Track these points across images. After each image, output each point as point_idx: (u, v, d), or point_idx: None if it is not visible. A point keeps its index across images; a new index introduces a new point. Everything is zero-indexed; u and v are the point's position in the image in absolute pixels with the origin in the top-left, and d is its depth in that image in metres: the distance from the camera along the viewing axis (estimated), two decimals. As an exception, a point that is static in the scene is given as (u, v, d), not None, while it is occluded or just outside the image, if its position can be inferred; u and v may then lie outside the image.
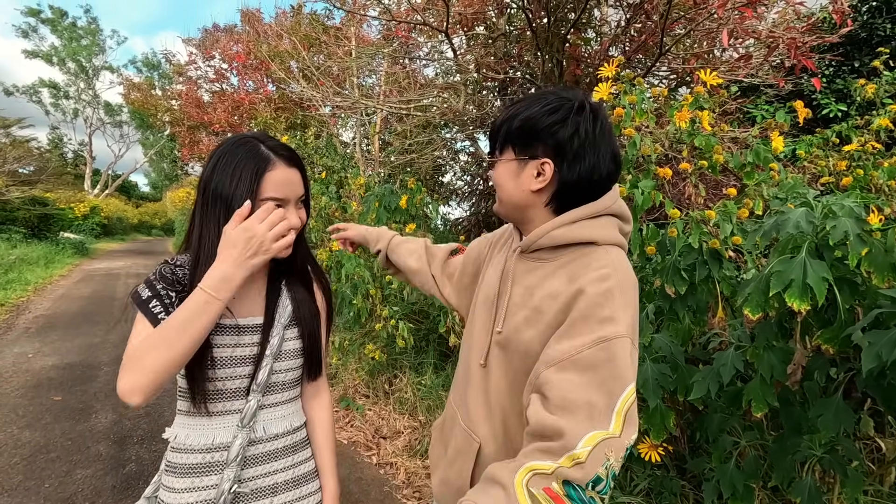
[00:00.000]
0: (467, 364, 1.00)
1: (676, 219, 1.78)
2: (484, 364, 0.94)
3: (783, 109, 2.23)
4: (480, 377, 0.95)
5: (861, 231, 1.19)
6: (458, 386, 1.04)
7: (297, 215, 0.95)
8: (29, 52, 27.73)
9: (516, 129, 0.87)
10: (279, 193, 0.90)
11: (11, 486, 2.43)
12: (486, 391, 0.93)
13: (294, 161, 0.94)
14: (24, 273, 8.91)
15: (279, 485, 0.96)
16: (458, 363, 1.08)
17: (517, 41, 4.68)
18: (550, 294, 0.84)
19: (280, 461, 0.97)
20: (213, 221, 0.89)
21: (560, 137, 0.84)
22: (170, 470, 0.92)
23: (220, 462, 0.90)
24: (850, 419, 1.33)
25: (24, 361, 4.39)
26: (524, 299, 0.88)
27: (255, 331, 0.94)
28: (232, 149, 0.92)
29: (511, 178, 0.90)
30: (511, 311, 0.90)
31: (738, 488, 1.72)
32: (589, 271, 0.82)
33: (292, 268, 1.01)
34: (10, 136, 13.77)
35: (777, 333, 1.51)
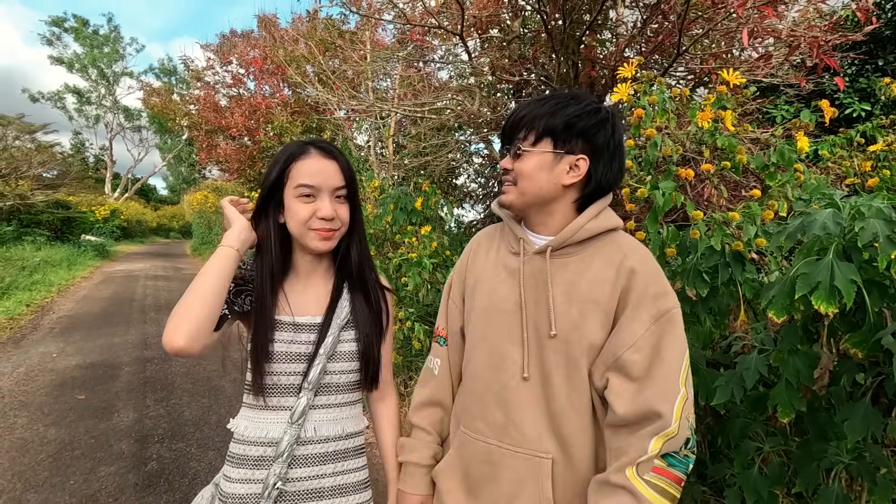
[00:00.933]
0: (498, 384, 0.93)
1: (699, 220, 1.76)
2: (528, 377, 0.91)
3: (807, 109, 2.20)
4: (529, 391, 0.91)
5: (891, 232, 1.16)
6: (488, 411, 0.94)
7: (330, 205, 0.94)
8: (54, 59, 28.48)
9: (561, 124, 0.90)
10: (309, 180, 0.92)
11: (38, 482, 2.49)
12: (546, 401, 0.90)
13: (331, 154, 0.97)
14: (47, 275, 9.12)
15: (325, 490, 0.96)
16: (470, 389, 0.99)
17: (532, 43, 4.68)
18: (597, 282, 0.89)
19: (328, 465, 0.97)
20: (260, 208, 0.97)
21: (600, 138, 0.90)
22: (229, 460, 0.95)
23: (271, 457, 0.92)
24: (878, 424, 1.30)
25: (49, 361, 4.50)
26: (569, 296, 0.90)
27: (311, 329, 0.96)
28: (283, 148, 0.98)
29: (543, 170, 0.91)
30: (559, 311, 0.89)
31: (762, 495, 1.68)
32: (629, 251, 0.91)
33: (351, 271, 1.03)
34: (35, 141, 14.12)
35: (802, 337, 1.48)
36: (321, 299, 1.00)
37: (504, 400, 0.92)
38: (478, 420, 0.95)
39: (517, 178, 0.94)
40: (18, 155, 12.97)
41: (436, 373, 1.07)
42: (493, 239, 1.07)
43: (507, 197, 0.97)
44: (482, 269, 1.03)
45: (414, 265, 3.64)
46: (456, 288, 1.08)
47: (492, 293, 0.98)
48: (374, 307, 1.04)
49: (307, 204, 0.93)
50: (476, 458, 0.94)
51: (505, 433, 0.91)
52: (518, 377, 0.91)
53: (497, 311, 0.96)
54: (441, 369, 1.07)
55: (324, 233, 0.94)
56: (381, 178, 6.21)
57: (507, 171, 0.96)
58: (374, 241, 4.72)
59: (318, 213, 0.93)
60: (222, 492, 0.94)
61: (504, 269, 0.98)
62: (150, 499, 2.39)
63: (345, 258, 1.03)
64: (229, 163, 12.04)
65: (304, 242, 0.96)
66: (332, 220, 0.94)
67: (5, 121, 12.89)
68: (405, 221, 4.05)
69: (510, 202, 0.97)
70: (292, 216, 0.94)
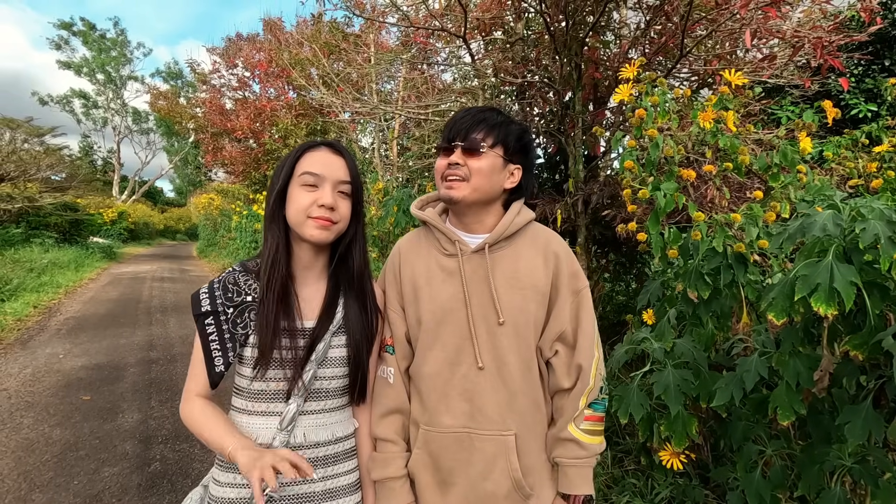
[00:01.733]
0: (457, 377, 1.01)
1: (700, 222, 1.76)
2: (482, 366, 1.00)
3: (811, 110, 2.18)
4: (486, 378, 1.00)
5: (892, 234, 1.15)
6: (452, 404, 1.01)
7: (331, 195, 0.94)
8: (62, 63, 28.80)
9: (513, 137, 1.05)
10: (314, 168, 0.94)
11: (43, 482, 2.51)
12: (503, 383, 1.00)
13: (339, 151, 0.99)
14: (55, 276, 9.20)
15: (315, 494, 0.95)
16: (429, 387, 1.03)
17: (535, 45, 4.68)
18: (532, 268, 1.04)
19: (318, 471, 0.96)
20: (267, 199, 0.98)
21: (533, 154, 1.13)
22: (219, 463, 0.96)
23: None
24: (879, 427, 1.28)
25: (56, 362, 4.54)
26: (511, 284, 1.02)
27: (303, 335, 0.95)
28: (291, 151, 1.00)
29: (494, 173, 1.04)
30: (504, 300, 1.00)
31: (764, 498, 1.67)
32: (549, 238, 1.09)
33: (348, 274, 1.02)
34: (44, 144, 14.26)
35: (803, 339, 1.47)
36: (314, 303, 0.99)
37: (465, 390, 1.01)
38: (442, 415, 1.02)
39: (471, 175, 1.01)
40: (27, 158, 13.10)
41: (391, 381, 1.08)
42: (417, 246, 1.12)
43: (458, 192, 1.02)
44: (416, 276, 1.07)
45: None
46: (392, 297, 1.11)
47: (435, 296, 1.04)
48: (368, 315, 1.03)
49: (309, 192, 0.93)
50: (446, 450, 1.02)
51: (471, 419, 1.00)
52: (474, 367, 1.00)
53: (444, 312, 1.03)
54: (395, 377, 1.08)
55: (322, 221, 0.93)
56: (384, 180, 6.23)
57: (458, 166, 1.02)
58: (378, 244, 4.74)
59: (318, 201, 0.92)
60: (211, 495, 0.94)
61: (441, 271, 1.05)
62: (153, 499, 2.40)
63: (343, 260, 1.02)
64: (234, 165, 12.12)
65: (301, 231, 0.94)
66: (332, 211, 0.94)
67: (14, 124, 13.03)
68: (408, 223, 4.06)
69: (461, 197, 1.02)
70: (292, 203, 0.94)
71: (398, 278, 1.10)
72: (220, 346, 0.91)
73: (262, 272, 0.94)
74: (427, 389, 1.04)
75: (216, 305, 0.92)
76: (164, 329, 6.08)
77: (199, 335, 0.92)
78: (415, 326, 1.07)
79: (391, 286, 1.11)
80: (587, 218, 3.73)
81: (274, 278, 0.92)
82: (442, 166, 1.04)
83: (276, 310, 0.92)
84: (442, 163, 1.05)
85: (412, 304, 1.07)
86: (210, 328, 0.91)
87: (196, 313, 0.92)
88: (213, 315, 0.91)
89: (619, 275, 4.89)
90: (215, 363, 0.90)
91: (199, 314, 0.91)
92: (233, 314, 0.92)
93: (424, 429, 1.04)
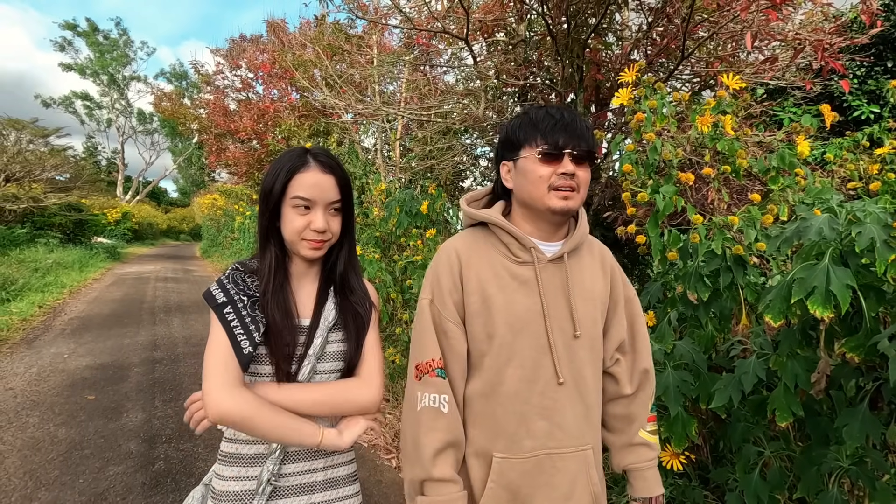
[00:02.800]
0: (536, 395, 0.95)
1: (699, 224, 1.77)
2: (563, 381, 0.95)
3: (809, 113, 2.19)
4: (566, 393, 0.96)
5: (888, 237, 1.17)
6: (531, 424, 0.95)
7: (323, 218, 0.97)
8: (65, 66, 28.95)
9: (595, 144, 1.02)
10: (305, 193, 0.96)
11: (49, 480, 2.54)
12: (580, 398, 0.99)
13: (330, 168, 0.99)
14: (59, 276, 9.26)
15: (317, 483, 1.00)
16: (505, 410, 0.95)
17: (537, 47, 4.69)
18: (595, 279, 1.03)
19: (319, 461, 1.00)
20: (261, 214, 1.00)
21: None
22: (221, 459, 0.98)
23: (264, 454, 0.96)
24: (876, 429, 1.30)
25: (61, 361, 4.58)
26: (583, 295, 1.00)
27: (301, 331, 0.99)
28: (283, 154, 1.01)
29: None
30: (580, 311, 0.98)
31: (762, 499, 1.68)
32: (601, 249, 1.10)
33: (337, 276, 1.06)
34: (49, 145, 14.37)
35: (801, 341, 1.49)
36: (308, 302, 1.03)
37: (544, 408, 0.95)
38: (523, 439, 0.94)
39: (580, 186, 0.96)
40: (32, 158, 13.19)
41: (444, 410, 0.94)
42: (476, 248, 1.01)
43: (574, 204, 0.96)
44: (484, 283, 0.97)
45: (419, 268, 3.66)
46: (451, 308, 0.97)
47: (511, 307, 0.95)
48: (359, 308, 1.07)
49: (302, 216, 0.96)
50: (526, 476, 0.94)
51: (551, 438, 0.95)
52: (553, 384, 0.95)
53: (521, 324, 0.95)
54: (449, 405, 0.94)
55: (315, 243, 0.98)
56: (387, 181, 6.25)
57: (571, 176, 0.94)
58: (380, 244, 4.75)
59: (311, 226, 0.96)
60: (215, 490, 0.96)
61: (512, 279, 0.97)
62: (157, 498, 2.43)
63: (333, 266, 1.07)
64: (238, 166, 12.17)
65: (296, 250, 1.00)
66: (324, 233, 0.98)
67: (20, 125, 13.12)
68: (410, 224, 4.08)
69: (573, 208, 0.96)
70: (287, 224, 0.98)
71: (458, 286, 0.98)
72: (244, 329, 0.92)
73: (263, 281, 0.98)
74: (504, 412, 0.95)
75: (231, 295, 0.94)
76: (167, 329, 6.12)
77: (222, 324, 0.92)
78: (483, 341, 0.96)
79: (449, 295, 0.97)
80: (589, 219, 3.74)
81: (274, 286, 0.97)
82: (547, 174, 0.94)
83: (279, 309, 0.96)
84: (546, 170, 0.94)
85: (480, 315, 0.96)
86: (230, 315, 0.93)
87: (213, 305, 0.93)
88: (230, 304, 0.94)
89: (621, 276, 4.89)
90: (242, 346, 0.91)
91: (217, 305, 0.93)
92: (248, 302, 0.95)
93: (499, 457, 0.94)
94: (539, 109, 0.99)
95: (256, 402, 0.89)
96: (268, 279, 0.97)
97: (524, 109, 1.07)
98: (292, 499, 0.97)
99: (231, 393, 0.87)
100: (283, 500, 0.96)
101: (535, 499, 0.95)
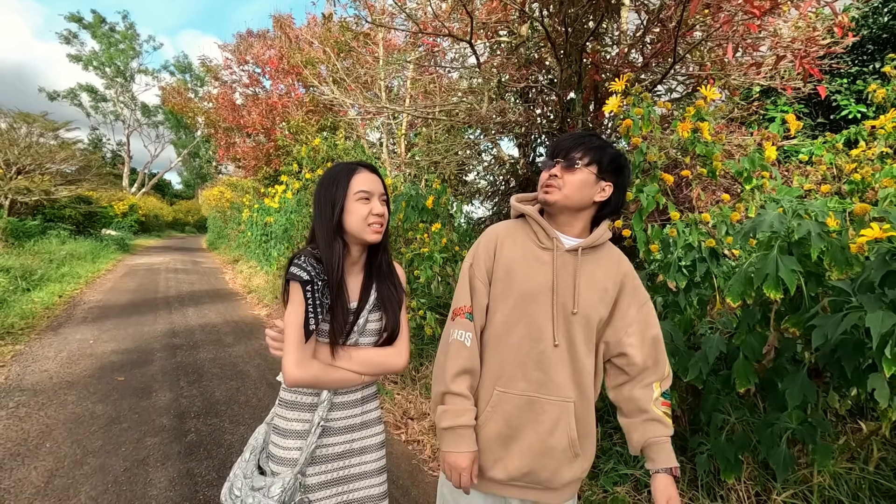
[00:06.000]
0: (536, 351, 1.20)
1: (676, 220, 2.01)
2: (558, 344, 1.21)
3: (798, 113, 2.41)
4: (559, 354, 1.21)
5: (821, 231, 1.41)
6: (529, 372, 1.20)
7: (381, 205, 1.25)
8: (72, 57, 29.15)
9: (608, 158, 1.24)
10: (366, 187, 1.23)
11: (94, 448, 2.81)
12: (572, 360, 1.22)
13: (374, 170, 1.28)
14: (74, 267, 9.55)
15: (355, 425, 1.28)
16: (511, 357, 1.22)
17: (539, 47, 4.90)
18: (607, 276, 1.25)
19: (357, 409, 1.29)
20: (325, 220, 1.22)
21: (625, 176, 1.29)
22: (282, 404, 1.25)
23: (316, 403, 1.23)
24: (812, 392, 1.54)
25: (87, 347, 4.85)
26: (590, 284, 1.23)
27: (351, 312, 1.25)
28: (333, 170, 1.27)
29: (585, 186, 1.23)
30: (582, 295, 1.22)
31: (730, 459, 1.94)
32: (621, 259, 1.31)
33: (379, 264, 1.31)
34: (59, 138, 14.59)
35: (760, 320, 1.73)
36: (356, 288, 1.29)
37: (541, 363, 1.21)
38: (518, 381, 1.21)
39: (564, 185, 1.23)
40: (43, 152, 13.43)
41: (468, 344, 1.22)
42: (513, 234, 1.29)
43: (551, 196, 1.24)
44: (512, 259, 1.24)
45: (426, 259, 3.91)
46: (482, 271, 1.27)
47: (528, 279, 1.22)
48: (394, 292, 1.32)
49: (365, 205, 1.22)
50: (517, 409, 1.20)
51: (543, 386, 1.21)
52: (551, 345, 1.20)
53: (534, 294, 1.21)
54: (472, 341, 1.22)
55: (377, 227, 1.23)
56: (393, 176, 6.48)
57: (555, 177, 1.23)
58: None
59: (373, 211, 1.22)
60: (280, 428, 1.23)
61: (535, 260, 1.23)
62: (193, 464, 2.70)
63: (374, 254, 1.31)
64: (246, 160, 12.39)
65: (363, 236, 1.22)
66: (382, 216, 1.25)
67: (31, 119, 13.34)
68: (416, 219, 4.32)
69: (554, 200, 1.24)
70: (353, 214, 1.21)
71: (492, 255, 1.26)
72: (313, 309, 1.16)
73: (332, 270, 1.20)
74: (508, 357, 1.22)
75: (312, 276, 1.17)
76: (183, 318, 6.39)
77: (305, 298, 1.15)
78: (501, 301, 1.23)
79: (483, 261, 1.27)
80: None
81: (338, 273, 1.20)
82: (544, 178, 1.25)
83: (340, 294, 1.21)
84: (544, 175, 1.25)
85: (502, 280, 1.24)
86: (308, 294, 1.16)
87: (301, 281, 1.16)
88: (311, 283, 1.17)
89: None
90: (310, 323, 1.15)
91: (304, 281, 1.16)
92: (321, 286, 1.18)
93: (499, 390, 1.21)
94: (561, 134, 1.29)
95: (320, 370, 1.17)
96: (336, 269, 1.20)
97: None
98: (338, 436, 1.24)
99: (301, 368, 1.15)
100: (331, 438, 1.23)
101: (524, 429, 1.21)
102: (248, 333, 5.72)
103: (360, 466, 1.28)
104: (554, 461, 1.21)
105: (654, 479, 1.20)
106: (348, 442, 1.26)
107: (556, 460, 1.21)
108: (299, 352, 1.15)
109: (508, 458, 1.21)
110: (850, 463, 1.96)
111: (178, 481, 2.54)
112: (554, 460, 1.21)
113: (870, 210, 1.35)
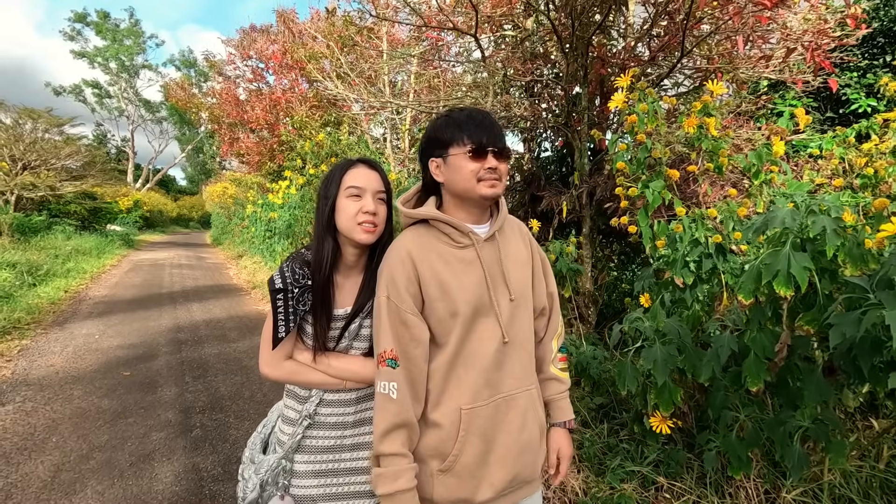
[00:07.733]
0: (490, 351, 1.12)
1: (682, 216, 1.98)
2: (507, 340, 1.15)
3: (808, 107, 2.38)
4: (511, 348, 1.16)
5: (836, 227, 1.38)
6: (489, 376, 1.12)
7: (373, 203, 1.19)
8: (77, 53, 29.21)
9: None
10: (357, 183, 1.19)
11: (100, 443, 2.82)
12: (522, 350, 1.19)
13: (373, 166, 1.23)
14: (80, 262, 9.60)
15: (347, 423, 1.26)
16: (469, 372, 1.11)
17: (544, 41, 4.85)
18: (519, 248, 1.25)
19: (350, 407, 1.26)
20: (318, 217, 1.21)
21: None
22: (286, 393, 1.28)
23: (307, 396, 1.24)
24: (828, 391, 1.52)
25: (93, 342, 4.88)
26: (514, 262, 1.21)
27: (342, 318, 1.22)
28: (333, 166, 1.24)
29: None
30: (512, 279, 1.18)
31: (741, 456, 1.92)
32: (518, 224, 1.31)
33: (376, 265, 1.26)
34: (63, 133, 14.63)
35: (770, 317, 1.71)
36: (352, 291, 1.25)
37: (497, 363, 1.13)
38: (482, 390, 1.11)
39: (502, 176, 1.17)
40: (48, 147, 13.47)
41: (394, 396, 1.07)
42: (423, 244, 1.14)
43: (499, 189, 1.16)
44: (438, 272, 1.11)
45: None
46: (406, 301, 1.10)
47: (465, 287, 1.11)
48: None
49: (355, 202, 1.18)
50: (488, 419, 1.11)
51: (504, 385, 1.14)
52: (501, 342, 1.13)
53: (475, 298, 1.11)
54: (399, 392, 1.07)
55: (368, 226, 1.17)
56: (396, 171, 6.46)
57: (495, 169, 1.13)
58: (392, 232, 4.97)
59: (363, 209, 1.17)
60: (283, 414, 1.27)
61: (460, 262, 1.13)
62: (199, 458, 2.70)
63: (376, 252, 1.26)
64: (250, 156, 12.39)
65: (352, 236, 1.18)
66: (375, 216, 1.19)
67: (36, 114, 13.37)
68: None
69: (499, 194, 1.18)
70: (342, 212, 1.18)
71: (413, 279, 1.10)
72: (284, 317, 1.16)
73: (316, 273, 1.19)
74: (467, 373, 1.11)
75: (287, 285, 1.16)
76: (188, 313, 6.41)
77: (272, 307, 1.15)
78: (447, 321, 1.10)
79: (405, 290, 1.09)
80: (592, 209, 3.93)
81: (323, 275, 1.18)
82: (476, 168, 1.10)
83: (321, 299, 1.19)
84: (474, 165, 1.10)
85: (441, 299, 1.10)
86: (279, 302, 1.15)
87: (270, 290, 1.16)
88: (283, 292, 1.16)
89: (625, 264, 5.11)
90: (279, 331, 1.16)
91: (273, 290, 1.15)
92: (297, 293, 1.16)
93: (466, 409, 1.09)
94: (461, 112, 1.17)
95: (293, 369, 1.19)
96: (322, 270, 1.18)
97: (446, 111, 1.24)
98: (327, 431, 1.24)
99: (271, 367, 1.19)
100: (319, 431, 1.24)
101: (498, 436, 1.12)
102: (252, 329, 5.73)
103: (353, 462, 1.26)
104: (531, 454, 1.19)
105: (549, 432, 1.28)
106: (339, 437, 1.25)
107: (533, 451, 1.19)
108: (268, 353, 1.17)
109: (491, 473, 1.12)
110: (861, 461, 1.94)
111: (183, 476, 2.54)
112: (531, 453, 1.19)
113: (888, 204, 1.32)
